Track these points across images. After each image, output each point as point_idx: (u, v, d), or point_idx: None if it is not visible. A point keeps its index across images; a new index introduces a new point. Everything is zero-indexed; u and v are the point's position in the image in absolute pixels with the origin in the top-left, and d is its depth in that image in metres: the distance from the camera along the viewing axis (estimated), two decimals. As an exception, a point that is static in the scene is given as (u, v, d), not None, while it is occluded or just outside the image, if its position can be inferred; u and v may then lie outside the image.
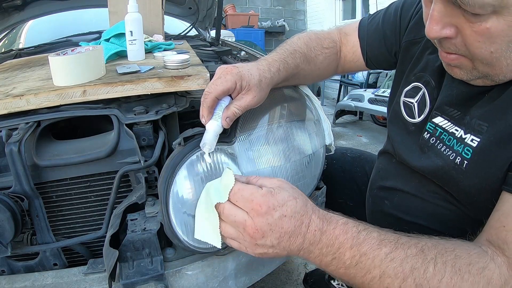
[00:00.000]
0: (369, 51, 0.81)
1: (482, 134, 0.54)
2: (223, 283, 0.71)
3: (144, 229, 0.65)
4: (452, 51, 0.52)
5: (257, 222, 0.47)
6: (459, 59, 0.52)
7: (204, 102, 0.58)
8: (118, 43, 1.04)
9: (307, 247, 0.48)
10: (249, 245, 0.49)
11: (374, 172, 0.83)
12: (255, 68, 0.64)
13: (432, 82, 0.66)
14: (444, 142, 0.60)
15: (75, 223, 0.73)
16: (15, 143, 0.63)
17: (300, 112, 0.79)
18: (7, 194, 0.64)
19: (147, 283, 0.64)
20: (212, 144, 0.58)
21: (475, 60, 0.51)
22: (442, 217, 0.63)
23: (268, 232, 0.47)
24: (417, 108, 0.69)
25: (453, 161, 0.57)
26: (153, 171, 0.69)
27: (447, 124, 0.60)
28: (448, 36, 0.50)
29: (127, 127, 0.67)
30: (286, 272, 1.49)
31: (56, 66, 0.71)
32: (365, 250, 0.46)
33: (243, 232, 0.49)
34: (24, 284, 0.65)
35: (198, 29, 1.90)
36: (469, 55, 0.50)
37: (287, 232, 0.48)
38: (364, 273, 0.46)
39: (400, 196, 0.72)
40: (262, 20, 6.24)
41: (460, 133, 0.57)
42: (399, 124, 0.73)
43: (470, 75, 0.54)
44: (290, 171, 0.73)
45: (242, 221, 0.48)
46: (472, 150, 0.54)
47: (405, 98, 0.72)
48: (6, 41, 1.68)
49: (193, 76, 0.72)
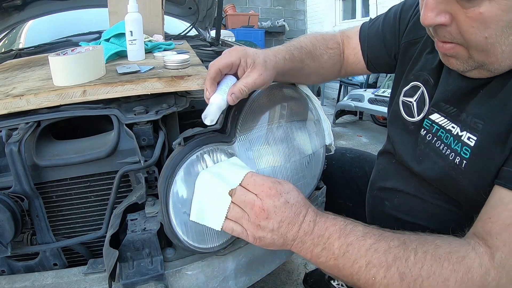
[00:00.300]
0: (370, 53, 0.82)
1: (478, 131, 0.54)
2: (223, 283, 0.71)
3: (144, 229, 0.65)
4: (447, 39, 0.52)
5: (265, 203, 0.51)
6: (455, 48, 0.53)
7: (207, 74, 0.59)
8: (118, 43, 1.04)
9: (301, 236, 0.52)
10: (252, 226, 0.52)
11: (374, 172, 0.84)
12: (261, 51, 0.66)
13: (431, 80, 0.66)
14: (442, 140, 0.60)
15: (75, 223, 0.73)
16: (15, 143, 0.63)
17: (300, 112, 0.79)
18: (7, 194, 0.64)
19: (147, 283, 0.64)
20: (215, 116, 0.57)
21: (471, 48, 0.51)
22: (443, 218, 0.63)
23: (272, 214, 0.51)
24: (416, 107, 0.69)
25: (453, 161, 0.57)
26: (153, 171, 0.69)
27: (443, 121, 0.61)
28: (443, 23, 0.50)
29: (127, 127, 0.67)
30: (286, 272, 1.49)
31: (56, 66, 0.71)
32: (351, 240, 0.49)
33: (249, 212, 0.52)
34: (24, 284, 0.65)
35: (198, 29, 1.90)
36: (464, 43, 0.51)
37: (287, 218, 0.51)
38: (352, 263, 0.48)
39: (400, 196, 0.72)
40: (262, 20, 6.24)
41: (456, 131, 0.57)
42: (399, 124, 0.73)
43: (466, 65, 0.54)
44: (290, 171, 0.73)
45: (251, 201, 0.52)
46: (470, 150, 0.54)
47: (404, 98, 0.72)
48: (6, 41, 1.68)
49: (193, 76, 0.72)
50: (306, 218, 0.52)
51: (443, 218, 0.63)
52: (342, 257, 0.49)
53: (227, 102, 0.59)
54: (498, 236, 0.46)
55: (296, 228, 0.52)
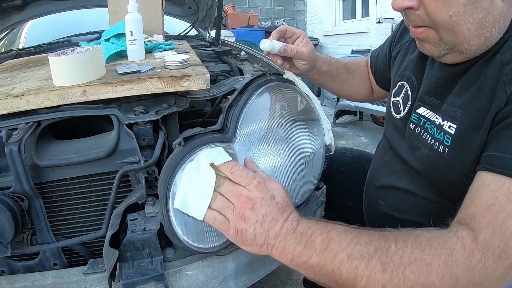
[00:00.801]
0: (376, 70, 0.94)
1: (457, 120, 0.57)
2: (223, 283, 0.71)
3: (144, 229, 0.65)
4: (417, 23, 0.57)
5: (252, 193, 0.52)
6: (426, 31, 0.57)
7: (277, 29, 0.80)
8: (118, 43, 1.03)
9: (284, 234, 0.52)
10: (236, 216, 0.52)
11: (369, 173, 0.86)
12: None
13: (412, 76, 0.72)
14: (427, 131, 0.63)
15: (75, 223, 0.73)
16: (15, 143, 0.63)
17: (300, 112, 0.79)
18: (7, 194, 0.64)
19: (147, 283, 0.64)
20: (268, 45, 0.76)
21: (439, 29, 0.54)
22: (435, 213, 0.64)
23: (258, 205, 0.52)
24: (402, 103, 0.74)
25: (437, 150, 0.60)
26: (153, 171, 0.69)
27: (429, 113, 0.64)
28: (411, 6, 0.54)
29: (127, 127, 0.67)
30: (286, 272, 1.49)
31: (56, 66, 0.71)
32: (333, 235, 0.50)
33: (236, 201, 0.53)
34: (24, 284, 0.65)
35: (198, 29, 1.90)
36: (433, 24, 0.55)
37: (272, 212, 0.52)
38: (333, 257, 0.48)
39: (393, 194, 0.73)
40: (262, 20, 6.24)
41: (439, 121, 0.60)
42: (391, 123, 0.78)
43: (439, 49, 0.58)
44: (290, 171, 0.73)
45: (239, 190, 0.53)
46: (451, 137, 0.57)
47: (393, 98, 0.78)
48: (6, 41, 1.68)
49: (193, 76, 0.72)
50: (290, 217, 0.53)
51: (435, 213, 0.63)
52: (324, 252, 0.49)
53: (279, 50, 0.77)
54: (481, 218, 0.46)
55: (279, 225, 0.52)
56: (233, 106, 0.70)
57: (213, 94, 0.81)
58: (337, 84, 0.94)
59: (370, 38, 4.87)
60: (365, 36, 5.02)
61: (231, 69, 1.16)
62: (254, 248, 0.53)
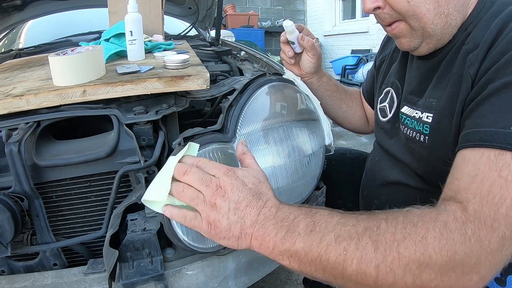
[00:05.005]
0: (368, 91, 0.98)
1: (433, 109, 0.61)
2: (223, 283, 0.71)
3: (144, 229, 0.65)
4: (388, 19, 0.62)
5: (222, 180, 0.50)
6: (398, 25, 0.62)
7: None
8: (118, 43, 1.03)
9: (262, 221, 0.48)
10: (207, 206, 0.49)
11: (364, 175, 0.88)
12: None
13: (396, 81, 0.77)
14: (409, 126, 0.68)
15: (75, 223, 0.73)
16: (15, 143, 0.63)
17: (300, 112, 0.79)
18: (7, 194, 0.64)
19: (147, 283, 0.64)
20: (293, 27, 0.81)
21: (406, 19, 0.60)
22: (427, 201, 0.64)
23: (229, 192, 0.49)
24: (388, 107, 0.79)
25: (419, 141, 0.64)
26: (153, 171, 0.69)
27: (410, 110, 0.68)
28: (378, 6, 0.61)
29: (127, 127, 0.67)
30: (286, 272, 1.49)
31: (56, 66, 0.71)
32: (318, 219, 0.47)
33: (205, 190, 0.49)
34: (24, 284, 0.65)
35: (198, 29, 1.90)
36: (399, 16, 0.60)
37: (245, 199, 0.49)
38: (319, 240, 0.45)
39: (387, 191, 0.75)
40: (262, 20, 6.24)
41: (418, 114, 0.65)
42: (378, 127, 0.83)
43: (413, 39, 0.62)
44: (290, 171, 0.73)
45: (209, 178, 0.50)
46: (429, 126, 0.62)
47: (380, 105, 0.82)
48: (6, 41, 1.68)
49: (193, 76, 0.72)
50: (267, 203, 0.49)
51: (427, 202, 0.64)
52: (309, 236, 0.45)
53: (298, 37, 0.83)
54: (466, 191, 0.45)
55: (255, 212, 0.48)
56: (233, 106, 0.70)
57: (213, 94, 0.81)
58: (335, 101, 0.96)
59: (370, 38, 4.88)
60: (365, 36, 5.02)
61: (231, 69, 1.16)
62: (231, 241, 0.49)
